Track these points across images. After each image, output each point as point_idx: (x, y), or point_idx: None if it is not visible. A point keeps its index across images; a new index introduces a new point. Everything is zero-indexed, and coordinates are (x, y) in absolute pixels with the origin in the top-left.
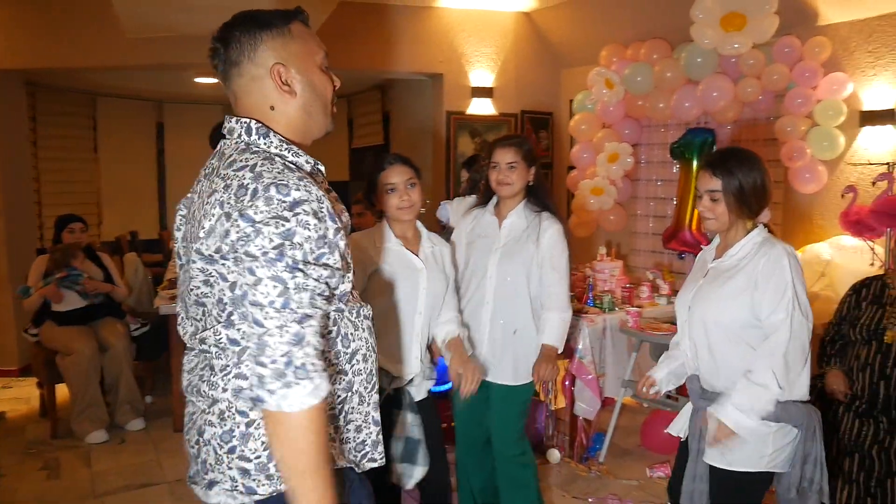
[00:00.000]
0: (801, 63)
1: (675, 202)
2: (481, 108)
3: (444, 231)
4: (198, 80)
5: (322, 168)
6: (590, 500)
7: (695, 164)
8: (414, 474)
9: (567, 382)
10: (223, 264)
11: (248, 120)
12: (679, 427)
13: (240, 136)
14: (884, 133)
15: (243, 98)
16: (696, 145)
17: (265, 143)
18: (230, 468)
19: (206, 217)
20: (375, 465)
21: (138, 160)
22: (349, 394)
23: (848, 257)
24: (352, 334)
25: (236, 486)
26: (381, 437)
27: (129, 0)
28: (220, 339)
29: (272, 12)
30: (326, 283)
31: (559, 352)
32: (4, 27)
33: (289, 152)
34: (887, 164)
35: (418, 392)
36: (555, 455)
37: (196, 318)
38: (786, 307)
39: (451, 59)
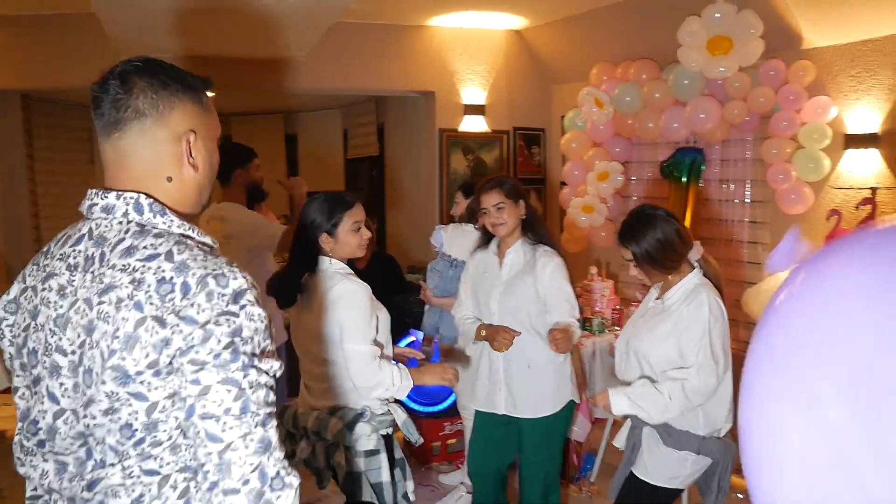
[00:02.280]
0: (785, 86)
1: None
2: (473, 125)
3: (440, 257)
4: None
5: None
6: None
7: (684, 182)
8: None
9: None
10: (144, 382)
11: (134, 195)
12: (621, 440)
13: (125, 214)
14: (867, 156)
15: (133, 160)
16: (686, 164)
17: (164, 223)
18: None
19: (109, 321)
20: None
21: None
22: None
23: None
24: None
25: None
26: None
27: (118, 23)
28: (131, 472)
29: (192, 76)
30: (274, 376)
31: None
32: (2, 48)
33: (193, 231)
34: (871, 188)
35: None
36: None
37: (65, 453)
38: (698, 352)
39: (443, 77)
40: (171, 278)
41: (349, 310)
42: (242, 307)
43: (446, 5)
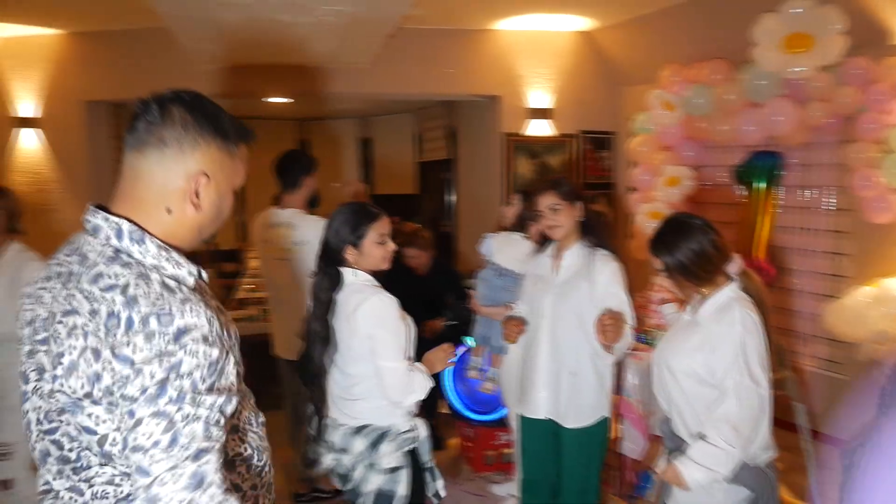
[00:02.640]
0: (872, 85)
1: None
2: (539, 129)
3: (488, 266)
4: (266, 99)
5: (205, 276)
6: None
7: (760, 188)
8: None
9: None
10: (90, 414)
11: (118, 221)
12: (662, 467)
13: (108, 238)
14: None
15: (144, 182)
16: (762, 169)
17: (140, 252)
18: None
19: (58, 342)
20: None
21: None
22: None
23: None
24: (260, 446)
25: None
26: None
27: (191, 37)
28: (115, 474)
29: (232, 122)
30: (221, 411)
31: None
32: (94, 63)
33: (169, 263)
34: None
35: None
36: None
37: (59, 443)
38: (734, 374)
39: (509, 80)
40: (119, 312)
41: (381, 326)
42: (183, 345)
43: (511, 9)
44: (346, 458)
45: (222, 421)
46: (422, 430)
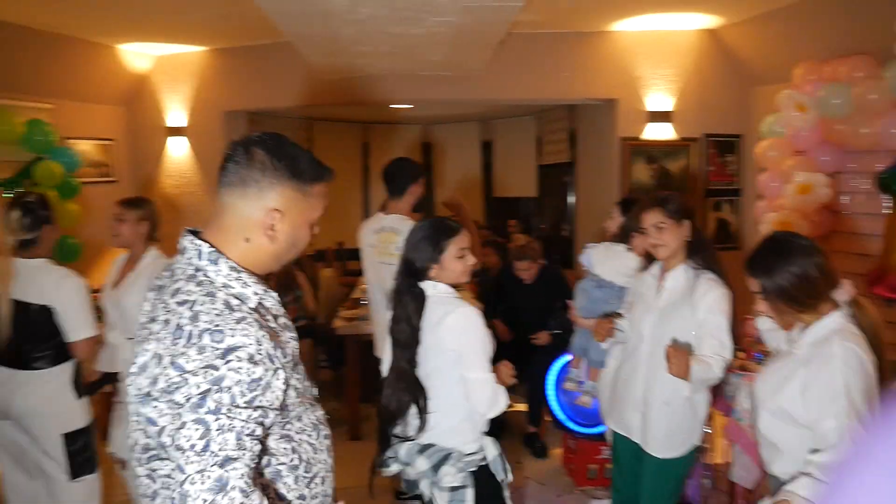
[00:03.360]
0: None
1: None
2: (659, 132)
3: (588, 277)
4: (392, 106)
5: (272, 298)
6: None
7: None
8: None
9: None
10: (155, 407)
11: (200, 243)
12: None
13: (190, 258)
14: None
15: (227, 215)
16: None
17: (213, 271)
18: None
19: (139, 344)
20: None
21: (346, 176)
22: None
23: None
24: (312, 458)
25: None
26: None
27: (313, 50)
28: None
29: (311, 162)
30: (260, 423)
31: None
32: (231, 76)
33: (237, 282)
34: None
35: None
36: None
37: (145, 431)
38: (836, 414)
39: (627, 83)
40: (184, 325)
41: (468, 338)
42: (228, 361)
43: (630, 9)
44: (411, 472)
45: (258, 432)
46: (490, 450)
